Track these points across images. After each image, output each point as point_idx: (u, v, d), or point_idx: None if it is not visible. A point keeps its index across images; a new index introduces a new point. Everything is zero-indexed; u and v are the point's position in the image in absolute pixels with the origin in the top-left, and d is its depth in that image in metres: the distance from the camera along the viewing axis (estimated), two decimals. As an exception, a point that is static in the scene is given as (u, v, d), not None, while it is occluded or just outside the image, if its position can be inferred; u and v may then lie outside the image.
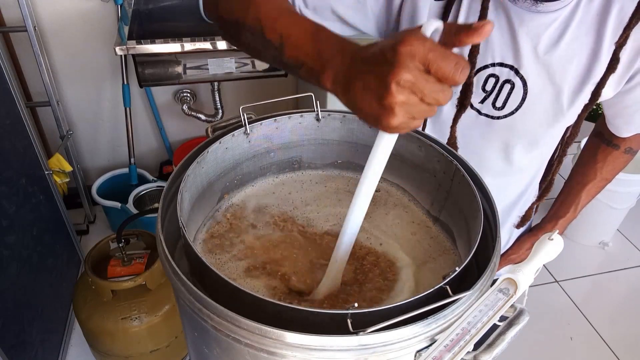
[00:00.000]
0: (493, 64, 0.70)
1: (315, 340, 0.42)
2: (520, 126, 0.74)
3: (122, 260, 1.38)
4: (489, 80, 0.71)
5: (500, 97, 0.72)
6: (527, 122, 0.73)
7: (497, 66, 0.70)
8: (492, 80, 0.71)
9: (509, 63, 0.69)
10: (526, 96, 0.71)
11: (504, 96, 0.72)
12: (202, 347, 0.53)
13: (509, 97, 0.71)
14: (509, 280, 0.49)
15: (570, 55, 0.68)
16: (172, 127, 2.21)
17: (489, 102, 0.73)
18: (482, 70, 0.71)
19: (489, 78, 0.71)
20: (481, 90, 0.72)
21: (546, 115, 0.73)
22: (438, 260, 0.63)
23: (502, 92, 0.71)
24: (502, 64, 0.70)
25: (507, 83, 0.71)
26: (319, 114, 0.69)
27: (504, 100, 0.72)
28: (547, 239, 0.52)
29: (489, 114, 0.74)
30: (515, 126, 0.74)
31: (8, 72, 1.34)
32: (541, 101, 0.71)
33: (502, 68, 0.70)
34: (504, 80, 0.71)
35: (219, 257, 0.62)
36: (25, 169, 1.43)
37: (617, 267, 2.13)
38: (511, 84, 0.70)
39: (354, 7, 0.70)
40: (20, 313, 1.32)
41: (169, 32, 1.82)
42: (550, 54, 0.67)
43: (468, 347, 0.44)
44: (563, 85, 0.69)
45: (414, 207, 0.71)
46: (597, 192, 0.91)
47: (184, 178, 0.57)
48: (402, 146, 0.69)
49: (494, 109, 0.73)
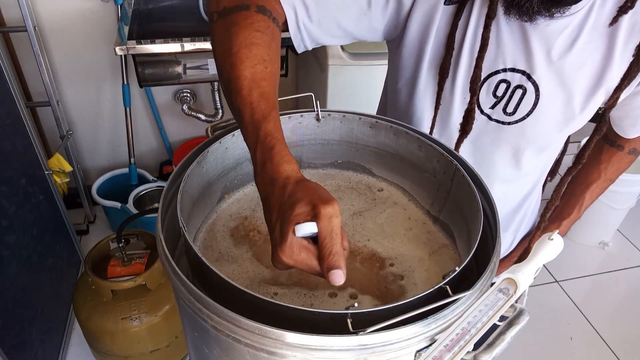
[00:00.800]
0: (504, 70, 0.69)
1: (315, 340, 0.42)
2: (530, 132, 0.73)
3: (122, 260, 1.38)
4: (500, 85, 0.71)
5: (511, 103, 0.71)
6: (537, 128, 0.73)
7: (508, 71, 0.69)
8: (504, 85, 0.70)
9: (520, 68, 0.69)
10: (538, 101, 0.70)
11: (515, 102, 0.71)
12: (202, 347, 0.53)
13: (520, 102, 0.71)
14: (509, 280, 0.49)
15: (582, 60, 0.67)
16: (172, 127, 2.21)
17: (499, 107, 0.72)
18: (494, 76, 0.70)
19: (500, 83, 0.70)
20: (492, 96, 0.72)
21: (557, 120, 0.72)
22: (438, 260, 0.63)
23: (514, 97, 0.71)
24: (513, 69, 0.69)
25: (518, 88, 0.70)
26: (319, 114, 0.69)
27: (515, 105, 0.71)
28: (547, 239, 0.52)
29: (500, 120, 0.73)
30: (526, 132, 0.73)
31: (8, 72, 1.34)
32: (553, 106, 0.70)
33: (513, 73, 0.69)
34: (515, 86, 0.70)
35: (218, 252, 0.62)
36: (25, 169, 1.43)
37: (617, 267, 2.13)
38: (523, 90, 0.70)
39: (358, 19, 0.70)
40: (20, 313, 1.32)
41: (169, 32, 1.82)
42: (563, 59, 0.67)
43: (468, 347, 0.44)
44: (575, 90, 0.69)
45: (414, 207, 0.71)
46: (600, 193, 0.91)
47: (184, 178, 0.57)
48: (402, 146, 0.69)
49: (504, 114, 0.72)
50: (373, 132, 0.70)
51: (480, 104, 0.73)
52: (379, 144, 0.71)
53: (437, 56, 0.72)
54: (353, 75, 1.69)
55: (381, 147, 0.71)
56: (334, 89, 1.72)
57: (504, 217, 0.87)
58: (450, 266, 0.62)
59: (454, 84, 0.72)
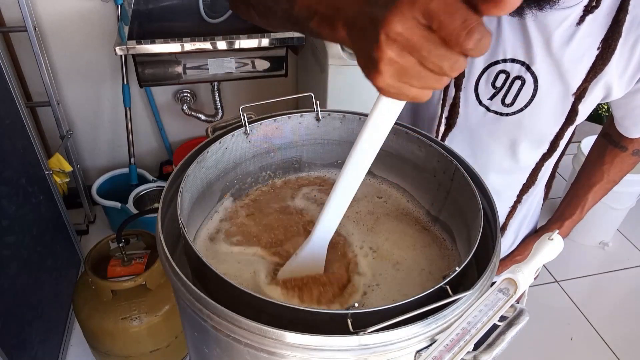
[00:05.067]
0: (504, 60, 0.69)
1: (315, 340, 0.42)
2: (527, 123, 0.73)
3: (122, 260, 1.38)
4: (499, 76, 0.70)
5: (510, 94, 0.71)
6: (535, 120, 0.73)
7: (508, 62, 0.69)
8: (503, 76, 0.70)
9: (520, 59, 0.68)
10: (536, 93, 0.70)
11: (513, 93, 0.71)
12: (202, 347, 0.53)
13: (519, 93, 0.71)
14: (509, 280, 0.49)
15: (581, 53, 0.66)
16: (172, 127, 2.21)
17: (498, 98, 0.72)
18: (493, 66, 0.70)
19: (500, 74, 0.70)
20: (491, 87, 0.72)
21: (554, 112, 0.72)
22: (437, 260, 0.63)
23: (512, 88, 0.70)
24: (513, 59, 0.69)
25: (517, 79, 0.70)
26: (319, 113, 0.69)
27: (513, 96, 0.71)
28: (547, 239, 0.52)
29: (498, 111, 0.73)
30: (523, 123, 0.73)
31: (8, 72, 1.34)
32: (550, 99, 0.70)
33: (513, 64, 0.69)
34: (514, 77, 0.70)
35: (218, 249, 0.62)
36: (25, 169, 1.43)
37: (617, 267, 2.13)
38: (522, 80, 0.70)
39: None
40: (20, 313, 1.32)
41: (169, 32, 1.82)
42: (562, 50, 0.66)
43: (468, 347, 0.44)
44: (572, 83, 0.69)
45: (414, 207, 0.71)
46: (603, 194, 0.90)
47: (184, 178, 0.57)
48: (402, 146, 0.69)
49: (503, 105, 0.72)
50: (373, 132, 0.70)
51: (479, 95, 0.73)
52: (379, 144, 0.71)
53: None
54: (353, 75, 1.69)
55: (381, 147, 0.71)
56: (334, 89, 1.72)
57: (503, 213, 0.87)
58: (450, 267, 0.62)
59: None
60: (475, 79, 0.72)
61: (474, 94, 0.73)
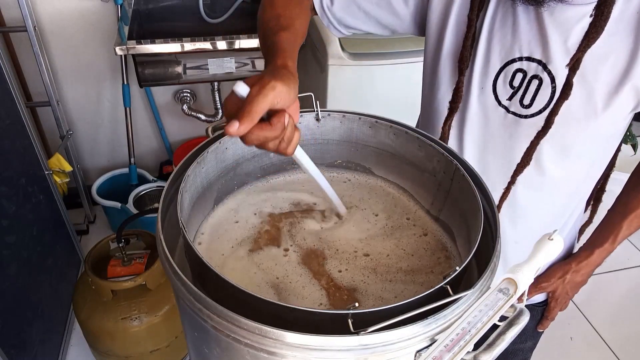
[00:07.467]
0: (521, 58, 0.66)
1: (315, 340, 0.42)
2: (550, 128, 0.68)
3: (122, 260, 1.38)
4: (516, 75, 0.67)
5: (527, 94, 0.67)
6: (555, 124, 0.67)
7: (524, 60, 0.66)
8: (520, 75, 0.67)
9: (537, 57, 0.65)
10: (554, 94, 0.66)
11: (531, 93, 0.67)
12: (202, 347, 0.53)
13: (537, 94, 0.67)
14: (509, 280, 0.49)
15: (605, 53, 0.62)
16: (172, 127, 2.21)
17: (516, 99, 0.68)
18: (510, 65, 0.67)
19: (517, 73, 0.67)
20: (509, 86, 0.68)
21: (576, 117, 0.67)
22: (437, 260, 0.63)
23: (530, 88, 0.67)
24: (530, 58, 0.66)
25: (534, 79, 0.66)
26: (319, 113, 0.69)
27: (531, 97, 0.67)
28: (547, 239, 0.52)
29: (517, 112, 0.69)
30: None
31: (8, 72, 1.34)
32: (571, 100, 0.65)
33: (530, 62, 0.66)
34: (532, 76, 0.66)
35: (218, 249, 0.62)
36: (25, 169, 1.43)
37: (617, 267, 2.13)
38: (539, 80, 0.66)
39: (377, 2, 0.69)
40: (20, 313, 1.32)
41: (169, 32, 1.82)
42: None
43: (468, 347, 0.44)
44: (596, 84, 0.64)
45: (414, 206, 0.71)
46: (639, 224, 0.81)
47: (184, 178, 0.57)
48: (402, 146, 0.69)
49: (521, 107, 0.69)
50: (373, 132, 0.70)
51: (497, 95, 0.70)
52: (379, 144, 0.71)
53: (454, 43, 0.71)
54: (353, 75, 1.69)
55: (381, 147, 0.71)
56: (334, 89, 1.72)
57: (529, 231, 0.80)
58: (450, 267, 0.62)
59: (472, 74, 0.70)
60: (492, 78, 0.69)
61: (492, 95, 0.70)
